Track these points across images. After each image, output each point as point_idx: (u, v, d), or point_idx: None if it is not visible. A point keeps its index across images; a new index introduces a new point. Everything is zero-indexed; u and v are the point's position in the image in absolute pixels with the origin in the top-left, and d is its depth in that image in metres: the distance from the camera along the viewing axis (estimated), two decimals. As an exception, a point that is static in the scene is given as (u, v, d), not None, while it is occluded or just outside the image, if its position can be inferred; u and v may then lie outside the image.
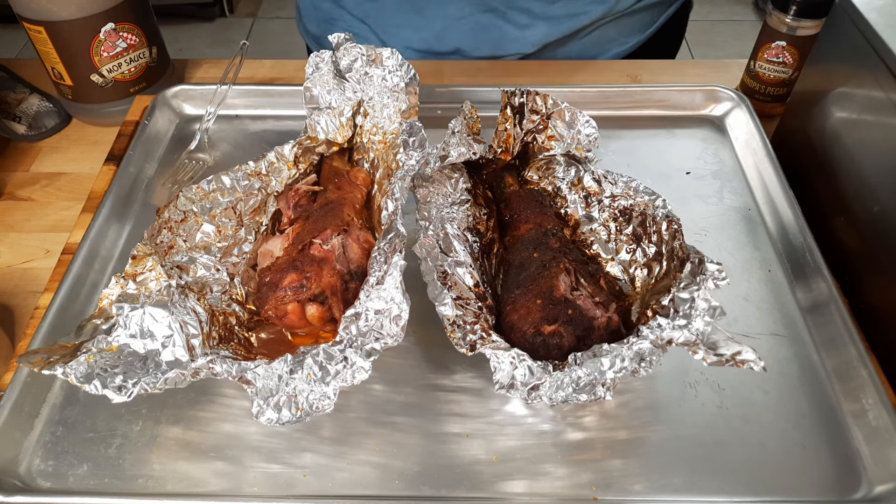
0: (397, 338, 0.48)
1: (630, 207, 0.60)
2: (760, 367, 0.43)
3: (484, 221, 0.63)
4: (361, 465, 0.51)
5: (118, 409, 0.53)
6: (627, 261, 0.59)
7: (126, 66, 0.79)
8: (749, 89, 0.83)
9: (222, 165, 0.73)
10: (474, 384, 0.56)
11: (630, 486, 0.50)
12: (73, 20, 0.73)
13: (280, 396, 0.46)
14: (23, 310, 0.63)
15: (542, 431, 0.53)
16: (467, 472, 0.51)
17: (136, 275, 0.53)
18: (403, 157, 0.59)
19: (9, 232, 0.71)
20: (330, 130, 0.68)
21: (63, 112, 0.83)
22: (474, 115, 0.64)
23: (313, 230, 0.57)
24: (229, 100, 0.80)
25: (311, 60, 0.68)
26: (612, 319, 0.52)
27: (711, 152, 0.77)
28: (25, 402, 0.54)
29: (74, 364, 0.46)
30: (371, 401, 0.55)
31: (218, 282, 0.58)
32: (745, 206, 0.70)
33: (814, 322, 0.60)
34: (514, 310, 0.53)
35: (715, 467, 0.51)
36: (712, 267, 0.48)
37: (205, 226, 0.60)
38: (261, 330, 0.57)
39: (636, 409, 0.54)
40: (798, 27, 0.75)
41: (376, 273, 0.50)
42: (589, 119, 0.63)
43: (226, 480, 0.50)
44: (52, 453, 0.52)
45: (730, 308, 0.56)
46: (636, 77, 0.89)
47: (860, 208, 0.62)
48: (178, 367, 0.47)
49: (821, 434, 0.53)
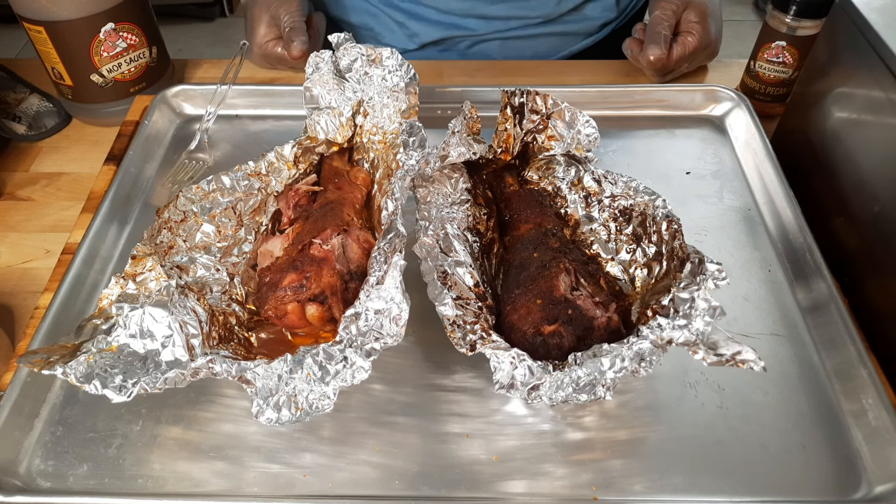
0: (397, 338, 0.48)
1: (630, 207, 0.60)
2: (760, 367, 0.43)
3: (484, 221, 0.63)
4: (361, 465, 0.51)
5: (118, 409, 0.53)
6: (627, 261, 0.59)
7: (126, 66, 0.79)
8: (749, 89, 0.83)
9: (222, 165, 0.74)
10: (474, 384, 0.56)
11: (630, 486, 0.50)
12: (73, 20, 0.73)
13: (280, 396, 0.46)
14: (23, 310, 0.63)
15: (542, 431, 0.53)
16: (467, 472, 0.51)
17: (136, 275, 0.53)
18: (403, 157, 0.59)
19: (9, 232, 0.71)
20: (330, 130, 0.68)
21: (63, 112, 0.83)
22: (474, 115, 0.64)
23: (313, 230, 0.57)
24: (229, 100, 0.80)
25: (310, 60, 0.68)
26: (612, 319, 0.52)
27: (711, 152, 0.77)
28: (25, 402, 0.54)
29: (74, 364, 0.46)
30: (371, 401, 0.55)
31: (218, 282, 0.58)
32: (745, 206, 0.70)
33: (814, 322, 0.60)
34: (514, 310, 0.53)
35: (715, 467, 0.51)
36: (712, 267, 0.48)
37: (205, 226, 0.60)
38: (261, 330, 0.57)
39: (636, 409, 0.54)
40: (798, 27, 0.75)
41: (376, 273, 0.50)
42: (589, 119, 0.63)
43: (226, 480, 0.50)
44: (52, 453, 0.52)
45: (730, 308, 0.56)
46: (636, 77, 0.89)
47: (860, 208, 0.62)
48: (177, 367, 0.46)
49: (821, 434, 0.53)
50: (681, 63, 0.83)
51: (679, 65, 0.83)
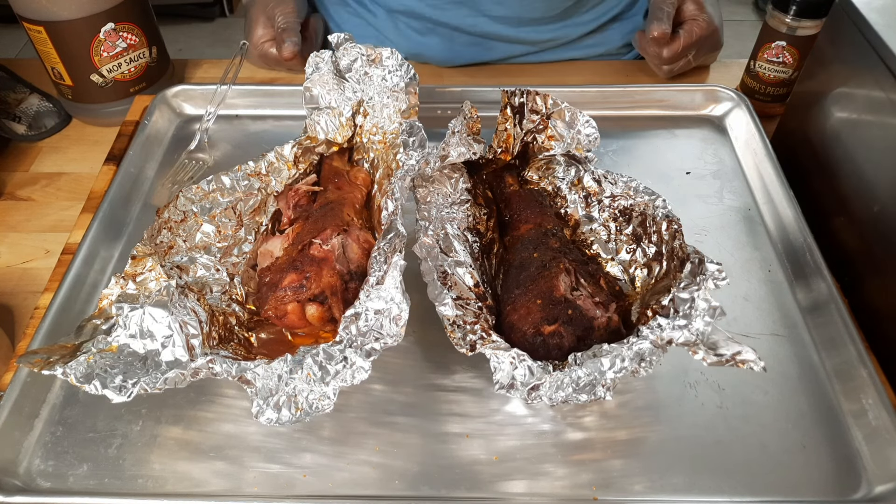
0: (397, 338, 0.48)
1: (630, 207, 0.60)
2: (760, 367, 0.43)
3: (484, 221, 0.63)
4: (361, 465, 0.51)
5: (118, 409, 0.53)
6: (627, 261, 0.59)
7: (126, 66, 0.79)
8: (749, 89, 0.83)
9: (222, 165, 0.74)
10: (474, 384, 0.56)
11: (630, 486, 0.50)
12: (73, 20, 0.73)
13: (280, 396, 0.46)
14: (23, 310, 0.63)
15: (542, 431, 0.53)
16: (467, 472, 0.51)
17: (136, 275, 0.53)
18: (403, 157, 0.59)
19: (9, 232, 0.71)
20: (330, 130, 0.68)
21: (63, 112, 0.83)
22: (474, 115, 0.64)
23: (313, 230, 0.57)
24: (229, 100, 0.80)
25: (310, 60, 0.68)
26: (612, 319, 0.52)
27: (711, 152, 0.77)
28: (25, 402, 0.54)
29: (74, 364, 0.46)
30: (371, 401, 0.55)
31: (218, 282, 0.58)
32: (745, 206, 0.70)
33: (814, 322, 0.60)
34: (514, 310, 0.53)
35: (715, 467, 0.51)
36: (712, 267, 0.48)
37: (205, 226, 0.60)
38: (261, 330, 0.57)
39: (636, 409, 0.54)
40: (798, 27, 0.75)
41: (376, 273, 0.50)
42: (589, 119, 0.63)
43: (226, 480, 0.50)
44: (52, 453, 0.52)
45: (730, 308, 0.56)
46: (635, 77, 0.89)
47: (860, 208, 0.62)
48: (177, 367, 0.46)
49: (821, 434, 0.53)
50: (688, 50, 0.82)
51: (687, 52, 0.82)
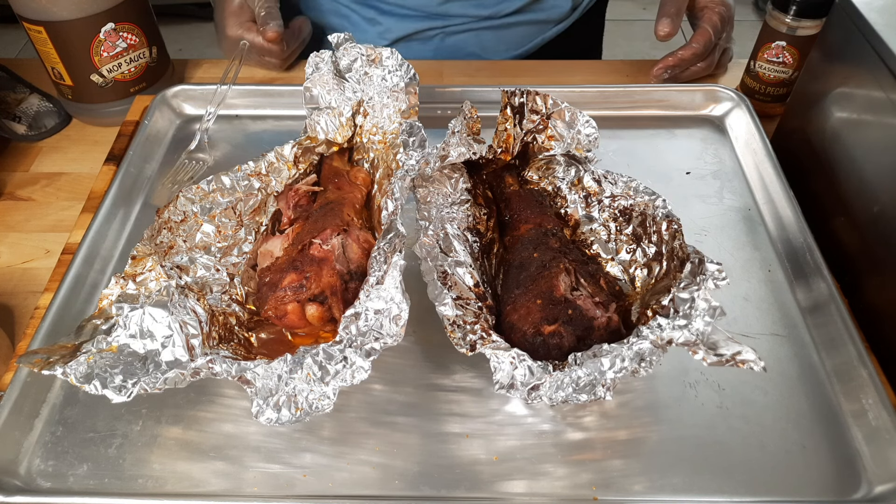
0: (397, 338, 0.48)
1: (630, 207, 0.60)
2: (760, 367, 0.43)
3: (484, 221, 0.63)
4: (361, 465, 0.51)
5: (118, 409, 0.53)
6: (627, 261, 0.59)
7: (126, 66, 0.79)
8: (749, 89, 0.83)
9: (222, 165, 0.74)
10: (474, 384, 0.56)
11: (630, 486, 0.50)
12: (73, 20, 0.73)
13: (280, 396, 0.46)
14: (23, 310, 0.63)
15: (542, 431, 0.53)
16: (467, 472, 0.51)
17: (136, 275, 0.53)
18: (403, 157, 0.59)
19: (9, 232, 0.71)
20: (330, 130, 0.68)
21: (63, 112, 0.83)
22: (474, 115, 0.64)
23: (313, 230, 0.57)
24: (229, 100, 0.80)
25: (310, 60, 0.68)
26: (612, 319, 0.52)
27: (711, 152, 0.77)
28: (25, 402, 0.54)
29: (74, 364, 0.46)
30: (371, 401, 0.55)
31: (218, 282, 0.58)
32: (745, 206, 0.70)
33: (814, 322, 0.60)
34: (514, 310, 0.53)
35: (715, 467, 0.51)
36: (712, 267, 0.48)
37: (205, 226, 0.60)
38: (261, 330, 0.57)
39: (636, 409, 0.54)
40: (798, 27, 0.75)
41: (376, 273, 0.50)
42: (589, 119, 0.63)
43: (226, 480, 0.50)
44: (52, 453, 0.52)
45: (730, 308, 0.56)
46: (635, 77, 0.89)
47: (860, 208, 0.62)
48: (177, 367, 0.46)
49: (821, 434, 0.53)
50: (720, 33, 0.84)
51: (719, 36, 0.84)
